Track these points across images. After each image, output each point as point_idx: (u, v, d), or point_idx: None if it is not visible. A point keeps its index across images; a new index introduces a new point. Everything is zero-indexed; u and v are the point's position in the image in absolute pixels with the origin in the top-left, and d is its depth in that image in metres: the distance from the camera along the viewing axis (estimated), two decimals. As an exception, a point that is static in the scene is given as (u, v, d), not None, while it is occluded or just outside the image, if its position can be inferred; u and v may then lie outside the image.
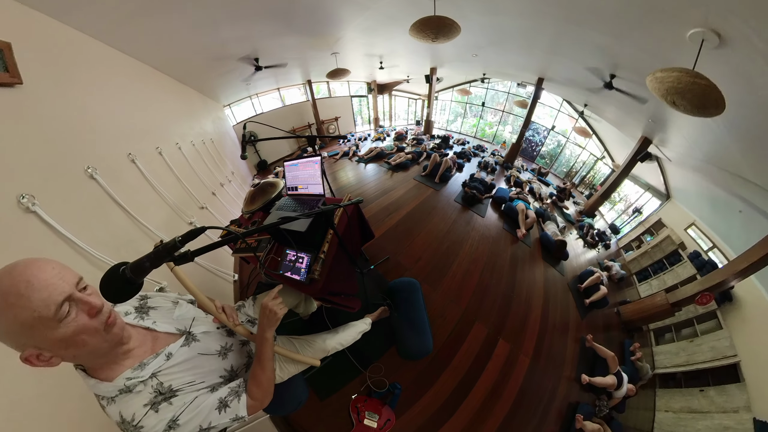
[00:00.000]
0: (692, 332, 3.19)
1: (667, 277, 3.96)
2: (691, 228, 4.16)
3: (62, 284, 0.44)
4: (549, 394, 2.04)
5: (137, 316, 0.65)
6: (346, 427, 1.50)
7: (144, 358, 0.58)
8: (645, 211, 5.43)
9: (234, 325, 0.78)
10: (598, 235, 4.75)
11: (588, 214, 5.58)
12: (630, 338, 3.07)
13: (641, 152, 4.35)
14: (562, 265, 3.44)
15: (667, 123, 3.36)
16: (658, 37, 1.99)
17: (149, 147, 1.95)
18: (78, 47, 1.60)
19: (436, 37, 2.38)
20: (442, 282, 2.46)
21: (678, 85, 1.46)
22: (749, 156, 2.32)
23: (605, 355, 2.44)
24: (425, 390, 1.74)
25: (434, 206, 3.62)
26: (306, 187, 1.38)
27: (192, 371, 0.65)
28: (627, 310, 3.27)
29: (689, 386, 2.83)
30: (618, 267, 3.94)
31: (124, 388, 0.53)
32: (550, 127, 8.04)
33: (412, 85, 8.78)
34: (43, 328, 0.42)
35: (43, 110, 1.15)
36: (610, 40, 2.51)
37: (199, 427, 0.58)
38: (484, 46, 4.35)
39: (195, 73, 3.39)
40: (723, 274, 2.52)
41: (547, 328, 2.47)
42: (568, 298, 3.01)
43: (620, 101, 3.62)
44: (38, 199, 0.93)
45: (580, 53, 3.19)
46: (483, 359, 1.99)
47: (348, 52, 4.92)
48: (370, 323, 1.54)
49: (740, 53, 1.54)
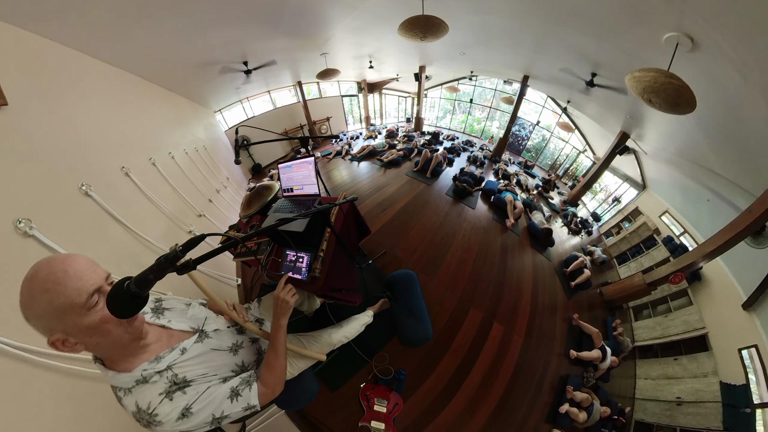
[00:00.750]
0: (666, 308, 3.44)
1: (644, 259, 4.23)
2: (665, 215, 4.44)
3: (94, 276, 0.49)
4: (541, 370, 2.17)
5: (153, 315, 0.68)
6: (357, 415, 1.55)
7: (160, 352, 0.60)
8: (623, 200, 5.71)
9: (244, 321, 0.81)
10: (581, 222, 4.97)
11: (572, 203, 5.82)
12: (612, 316, 3.27)
13: (620, 146, 4.58)
14: (548, 251, 3.60)
15: (644, 119, 3.54)
16: (637, 39, 2.10)
17: (142, 158, 1.90)
18: (62, 62, 1.53)
19: (424, 36, 2.40)
20: (438, 272, 2.53)
21: (654, 85, 1.55)
22: (717, 151, 2.50)
23: (590, 332, 2.60)
24: (428, 374, 1.81)
25: (427, 200, 3.69)
26: (301, 187, 1.38)
27: (205, 364, 0.67)
28: (608, 290, 3.48)
29: (665, 356, 3.08)
30: (600, 251, 4.17)
31: (141, 378, 0.55)
32: (535, 123, 8.27)
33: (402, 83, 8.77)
34: (73, 314, 0.46)
35: (31, 130, 1.10)
36: (592, 41, 2.62)
37: (212, 415, 0.59)
38: (471, 44, 4.41)
39: (184, 81, 3.27)
40: (693, 256, 2.75)
41: (537, 310, 2.60)
42: (555, 282, 3.17)
43: (601, 98, 3.80)
44: (35, 222, 0.91)
45: (563, 53, 3.30)
46: (480, 342, 2.08)
47: (337, 53, 4.86)
48: (372, 315, 1.58)
49: (711, 58, 1.64)
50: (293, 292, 0.85)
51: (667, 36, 1.72)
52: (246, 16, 2.69)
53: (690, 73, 1.62)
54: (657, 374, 2.96)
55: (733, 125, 1.98)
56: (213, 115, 4.96)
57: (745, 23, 1.29)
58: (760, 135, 1.77)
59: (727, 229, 2.38)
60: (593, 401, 2.15)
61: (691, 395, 2.64)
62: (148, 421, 0.53)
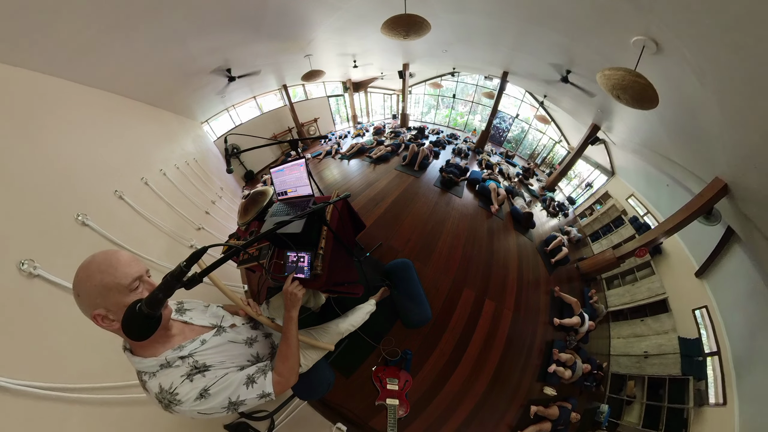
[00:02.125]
0: (633, 278, 3.80)
1: (614, 237, 4.59)
2: (631, 198, 4.82)
3: (138, 267, 0.58)
4: (530, 337, 2.35)
5: (176, 313, 0.74)
6: (373, 395, 1.62)
7: (182, 342, 0.65)
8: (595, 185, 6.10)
9: (257, 315, 0.86)
10: (558, 206, 5.28)
11: (549, 189, 6.12)
12: (588, 286, 3.56)
13: (591, 137, 4.88)
14: (530, 233, 3.81)
15: (613, 113, 3.77)
16: (607, 40, 2.21)
17: (134, 179, 1.81)
18: (37, 89, 1.42)
19: (407, 35, 2.39)
20: (432, 258, 2.62)
21: (622, 82, 1.65)
22: (675, 143, 2.71)
23: (570, 302, 2.83)
24: (431, 351, 1.91)
25: (416, 192, 3.75)
26: (295, 190, 1.37)
27: (223, 354, 0.71)
28: (584, 264, 3.78)
29: (633, 318, 3.41)
30: (575, 231, 4.46)
31: (165, 363, 0.59)
32: (514, 116, 8.55)
33: (387, 81, 8.69)
34: (118, 294, 0.54)
35: (15, 167, 1.02)
36: (566, 40, 2.73)
37: (228, 399, 0.62)
38: (453, 42, 4.44)
39: (167, 94, 3.07)
40: (655, 233, 3.04)
41: (523, 286, 2.78)
42: (537, 260, 3.38)
43: (574, 93, 3.95)
44: (38, 261, 0.87)
45: (540, 51, 3.40)
46: (474, 318, 2.21)
47: (321, 54, 4.73)
48: (374, 304, 1.63)
49: (673, 61, 1.75)
50: (301, 285, 0.90)
51: (634, 39, 1.83)
52: (225, 22, 2.56)
53: (654, 73, 1.70)
54: (627, 333, 3.29)
55: (689, 121, 2.14)
56: (200, 126, 4.70)
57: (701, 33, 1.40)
58: (711, 130, 1.93)
59: (683, 210, 2.66)
60: (576, 360, 2.37)
61: (655, 348, 2.99)
62: (169, 401, 0.55)
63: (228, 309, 0.91)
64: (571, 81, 3.60)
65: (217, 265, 0.61)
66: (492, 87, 7.52)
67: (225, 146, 1.60)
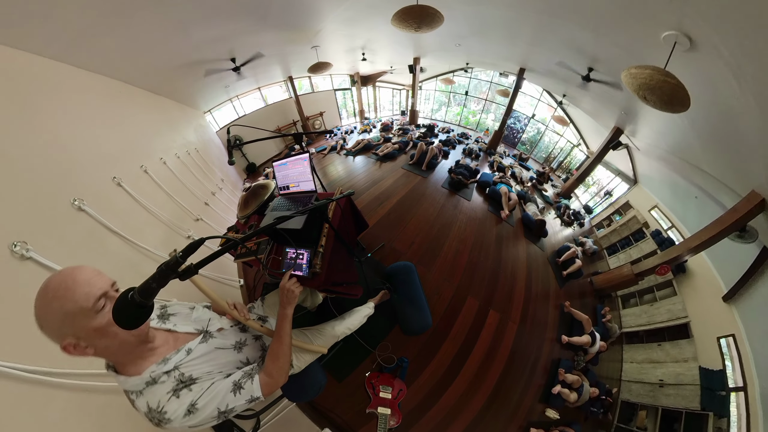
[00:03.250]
0: (652, 298, 3.64)
1: (633, 251, 4.43)
2: (654, 210, 4.63)
3: (101, 283, 0.53)
4: (535, 354, 2.29)
5: (159, 321, 0.72)
6: (364, 402, 1.61)
7: (167, 354, 0.63)
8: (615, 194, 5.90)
9: (245, 319, 0.83)
10: (573, 214, 5.14)
11: (565, 195, 5.98)
12: (601, 303, 3.45)
13: (613, 141, 4.69)
14: (542, 242, 3.72)
15: (638, 116, 3.62)
16: (635, 36, 2.10)
17: (133, 167, 1.85)
18: (38, 73, 1.45)
19: (419, 27, 2.36)
20: (435, 262, 2.59)
21: (650, 82, 1.57)
22: (707, 151, 2.56)
23: (581, 318, 2.74)
24: (429, 360, 1.89)
25: (423, 193, 3.73)
26: (297, 185, 1.38)
27: (210, 363, 0.70)
28: (599, 279, 3.66)
29: (649, 342, 3.28)
30: (591, 243, 4.34)
31: (150, 380, 0.58)
32: (530, 116, 8.38)
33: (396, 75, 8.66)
34: (82, 318, 0.50)
35: (12, 149, 1.05)
36: (590, 35, 2.62)
37: (217, 409, 0.61)
38: (467, 35, 4.36)
39: (169, 82, 3.13)
40: (679, 249, 2.90)
41: (530, 298, 2.71)
42: (548, 271, 3.30)
43: (596, 93, 3.84)
44: (31, 243, 0.89)
45: (560, 46, 3.30)
46: (477, 328, 2.17)
47: (329, 45, 4.73)
48: (373, 307, 1.63)
49: (708, 59, 1.64)
50: (298, 283, 0.89)
51: (665, 34, 1.73)
52: (230, 10, 2.58)
53: (686, 72, 1.61)
54: (642, 358, 3.17)
55: (724, 127, 2.02)
56: (203, 116, 4.79)
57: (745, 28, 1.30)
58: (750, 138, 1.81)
59: (713, 225, 2.50)
60: (583, 383, 2.29)
61: (672, 378, 2.85)
62: (159, 420, 0.55)
63: (216, 309, 0.90)
64: (593, 80, 3.48)
65: (213, 258, 0.60)
66: (507, 84, 7.40)
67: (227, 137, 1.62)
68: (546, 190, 5.76)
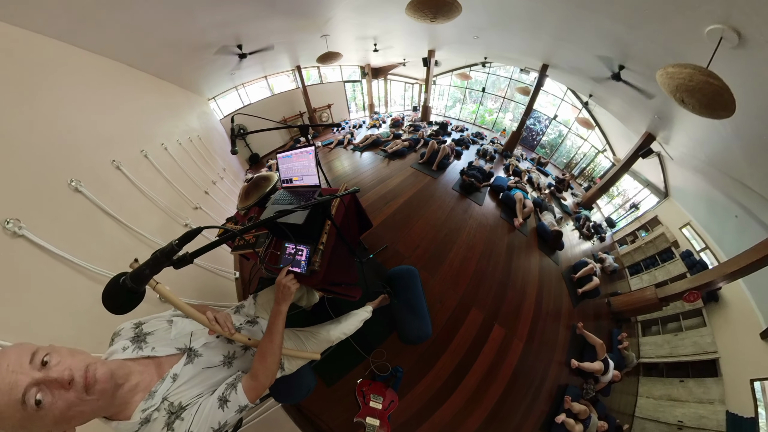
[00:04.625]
0: (677, 327, 3.45)
1: (658, 272, 4.23)
2: (686, 227, 4.39)
3: (14, 377, 0.41)
4: (540, 377, 2.22)
5: (135, 347, 0.66)
6: (353, 410, 1.60)
7: (151, 386, 0.61)
8: (642, 207, 5.68)
9: (230, 334, 0.77)
10: (594, 227, 4.97)
11: (585, 206, 5.79)
12: (618, 328, 3.31)
13: (644, 148, 4.48)
14: (557, 254, 3.61)
15: (673, 121, 3.43)
16: (675, 30, 1.98)
17: (133, 151, 1.90)
18: (39, 51, 1.49)
19: (435, 17, 2.31)
20: (440, 269, 2.55)
21: (689, 83, 1.45)
22: (754, 164, 2.38)
23: (594, 343, 2.64)
24: (425, 372, 1.85)
25: (432, 194, 3.69)
26: (301, 178, 1.38)
27: (200, 385, 0.68)
28: (617, 301, 3.51)
29: (670, 376, 3.09)
30: (611, 260, 4.17)
31: (143, 420, 0.56)
32: (552, 117, 8.14)
33: (409, 68, 8.59)
34: (33, 422, 0.42)
35: (11, 127, 1.09)
36: (622, 29, 2.48)
37: (211, 429, 0.61)
38: (486, 27, 4.26)
39: (174, 67, 3.19)
40: (712, 275, 2.70)
41: (540, 315, 2.63)
42: (561, 287, 3.19)
43: (627, 94, 3.66)
44: (24, 221, 0.91)
45: (589, 40, 3.16)
46: (479, 343, 2.12)
47: (339, 34, 4.71)
48: (371, 311, 1.61)
49: (759, 57, 1.51)
50: (295, 279, 0.88)
51: (709, 29, 1.61)
52: None
53: (732, 73, 1.49)
54: (660, 394, 2.99)
55: None
56: (207, 103, 4.90)
57: None
58: None
59: (754, 250, 2.32)
60: (591, 414, 2.19)
61: (693, 421, 2.65)
62: None
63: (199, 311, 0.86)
64: (623, 79, 3.31)
65: (210, 248, 0.60)
66: (528, 82, 7.19)
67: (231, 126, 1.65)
68: (565, 198, 5.59)
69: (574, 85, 5.92)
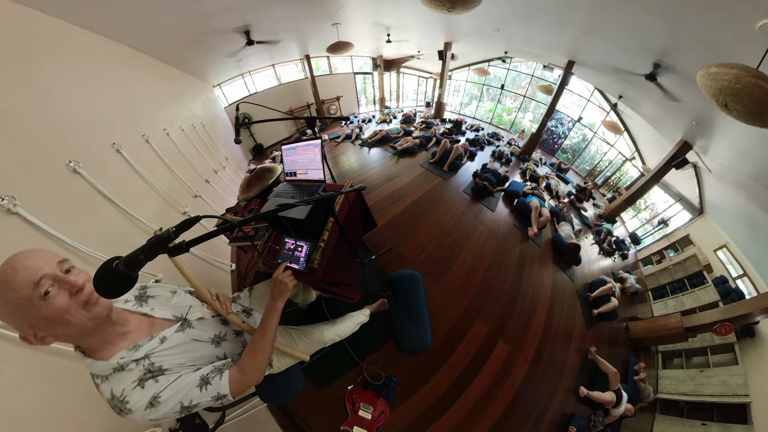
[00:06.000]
0: (704, 362, 3.23)
1: (686, 299, 3.99)
2: (722, 250, 4.11)
3: (42, 265, 0.51)
4: (544, 402, 2.13)
5: (136, 303, 0.73)
6: (341, 417, 1.59)
7: (139, 340, 0.64)
8: (672, 224, 5.41)
9: (227, 313, 0.83)
10: (616, 242, 4.79)
11: (608, 219, 5.59)
12: (636, 357, 3.16)
13: (678, 158, 4.26)
14: (573, 270, 3.49)
15: (714, 128, 3.24)
16: (720, 24, 1.86)
17: (135, 135, 1.94)
18: (41, 30, 1.53)
19: (452, 7, 2.27)
20: (445, 276, 2.52)
21: (735, 86, 1.36)
22: None
23: (607, 370, 2.52)
24: (420, 385, 1.82)
25: (441, 196, 3.65)
26: (305, 172, 1.38)
27: (184, 354, 0.70)
28: (637, 327, 3.35)
29: (691, 417, 2.87)
30: (633, 280, 4.00)
31: (118, 366, 0.59)
32: (576, 119, 7.87)
33: (423, 61, 8.51)
34: (29, 308, 0.49)
35: (10, 104, 1.12)
36: (660, 22, 2.36)
37: (180, 404, 0.61)
38: (508, 19, 4.14)
39: (179, 51, 3.24)
40: (750, 306, 2.53)
41: (549, 334, 2.55)
42: (575, 306, 3.08)
43: (662, 96, 3.49)
44: (19, 199, 0.93)
45: (622, 35, 3.01)
46: (481, 359, 2.07)
47: (351, 23, 4.70)
48: (368, 315, 1.60)
49: None
50: (293, 276, 0.90)
51: (762, 23, 1.51)
52: None
53: None
54: None
55: None
56: (212, 89, 4.99)
57: None
58: None
59: None
60: None
61: None
62: (120, 409, 0.57)
63: (197, 297, 0.91)
64: (659, 79, 3.14)
65: (208, 237, 0.61)
66: (551, 80, 6.98)
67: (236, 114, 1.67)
68: (585, 209, 5.40)
69: (602, 84, 5.69)
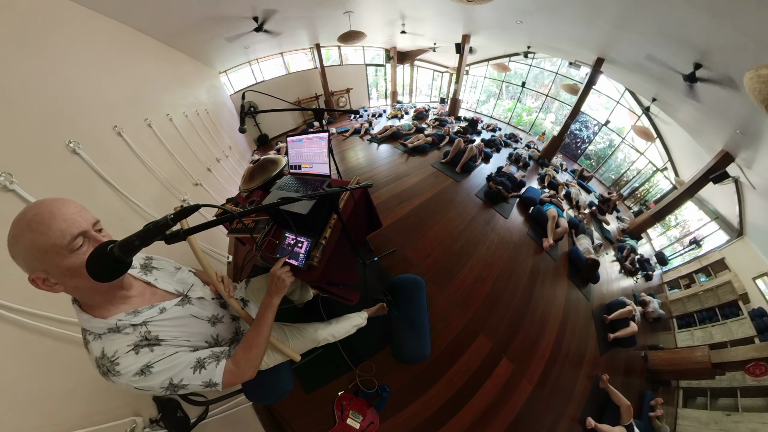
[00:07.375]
0: (732, 404, 3.00)
1: (716, 330, 3.76)
2: (762, 278, 3.83)
3: (80, 221, 0.55)
4: (546, 430, 2.06)
5: (141, 271, 0.77)
6: (328, 424, 1.59)
7: (140, 306, 0.67)
8: (705, 245, 5.13)
9: (228, 296, 0.89)
10: (639, 261, 4.60)
11: (632, 234, 5.37)
12: (653, 391, 3.01)
13: (717, 171, 3.99)
14: (589, 288, 3.37)
15: (761, 137, 3.04)
16: None
17: (137, 118, 1.98)
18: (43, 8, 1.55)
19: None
20: (450, 284, 2.48)
21: None
22: None
23: (620, 402, 2.41)
24: (415, 398, 1.80)
25: (452, 199, 3.61)
26: (310, 165, 1.39)
27: (181, 328, 0.73)
28: (657, 357, 3.20)
29: None
30: (657, 305, 3.82)
31: (114, 327, 0.62)
32: (603, 122, 7.56)
33: (439, 54, 8.38)
34: (55, 255, 0.52)
35: (11, 81, 1.15)
36: (703, 16, 2.20)
37: (170, 380, 0.63)
38: (532, 11, 3.99)
39: (185, 35, 3.29)
40: None
41: (558, 357, 2.46)
42: (589, 328, 2.97)
43: (701, 100, 3.28)
44: (16, 176, 0.95)
45: (658, 31, 2.82)
46: (482, 376, 2.02)
47: (364, 12, 4.66)
48: (366, 318, 1.59)
49: None
50: (291, 272, 0.92)
51: None
52: None
53: None
54: None
55: None
56: (217, 76, 5.06)
57: None
58: None
59: None
60: None
61: None
62: (108, 369, 0.58)
63: (201, 277, 0.95)
64: (699, 80, 2.92)
65: (206, 227, 0.62)
66: (578, 79, 6.73)
67: (242, 103, 1.70)
68: (608, 222, 5.21)
69: (634, 85, 5.41)
